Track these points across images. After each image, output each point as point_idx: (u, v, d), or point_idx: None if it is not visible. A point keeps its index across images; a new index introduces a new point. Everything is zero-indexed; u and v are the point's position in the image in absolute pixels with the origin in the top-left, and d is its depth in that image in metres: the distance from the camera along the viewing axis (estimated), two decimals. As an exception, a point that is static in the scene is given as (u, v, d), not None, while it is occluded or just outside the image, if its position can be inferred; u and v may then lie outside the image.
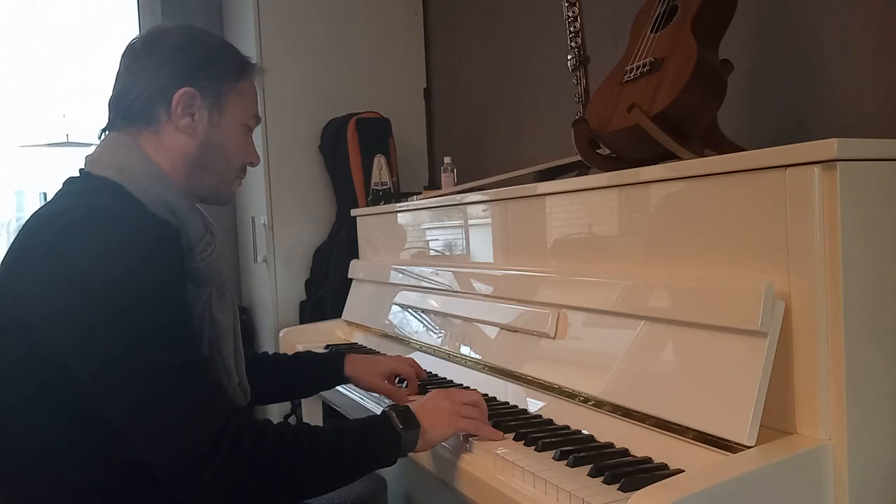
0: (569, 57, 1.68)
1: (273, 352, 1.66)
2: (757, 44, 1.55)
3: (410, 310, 1.91)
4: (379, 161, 2.56)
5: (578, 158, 1.41)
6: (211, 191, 1.24)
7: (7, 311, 1.05)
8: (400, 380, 1.56)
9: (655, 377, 1.07)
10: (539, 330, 1.34)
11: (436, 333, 1.74)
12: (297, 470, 1.03)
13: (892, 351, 0.95)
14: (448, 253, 1.84)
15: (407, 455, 1.13)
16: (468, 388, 1.46)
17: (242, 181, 1.29)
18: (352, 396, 1.63)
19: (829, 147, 0.88)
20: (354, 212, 2.48)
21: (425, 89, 3.02)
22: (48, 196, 2.11)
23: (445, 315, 1.73)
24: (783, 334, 0.93)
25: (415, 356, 1.63)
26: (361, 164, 2.69)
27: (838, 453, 0.90)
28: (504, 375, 1.43)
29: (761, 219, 0.97)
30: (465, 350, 1.59)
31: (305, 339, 2.22)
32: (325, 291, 2.67)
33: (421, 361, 1.57)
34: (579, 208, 1.35)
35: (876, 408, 0.93)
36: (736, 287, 0.97)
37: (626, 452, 1.05)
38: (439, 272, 1.78)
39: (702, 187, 1.07)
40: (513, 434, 1.17)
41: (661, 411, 1.04)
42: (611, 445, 1.09)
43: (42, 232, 1.05)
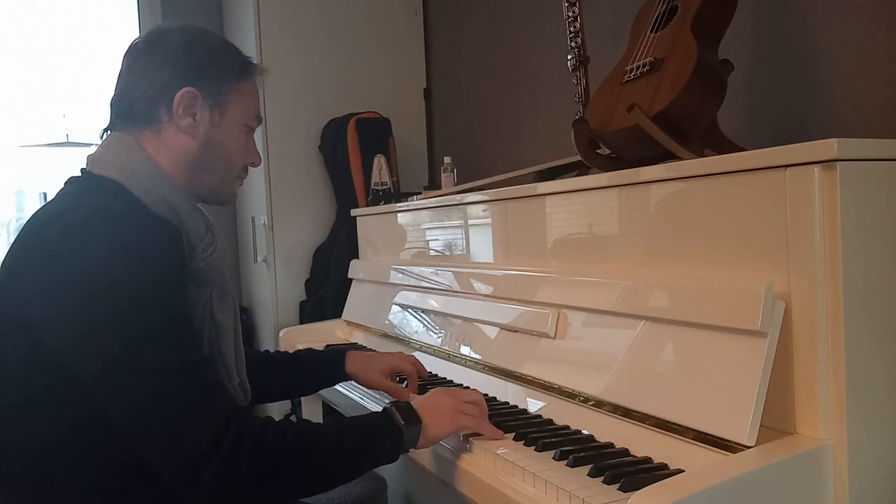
0: (569, 57, 1.68)
1: (273, 350, 1.66)
2: (757, 44, 1.55)
3: (410, 310, 1.91)
4: (379, 161, 2.56)
5: (578, 158, 1.42)
6: (212, 191, 1.24)
7: (8, 311, 1.05)
8: (401, 378, 1.56)
9: (655, 377, 1.07)
10: (539, 330, 1.34)
11: (436, 333, 1.74)
12: (299, 468, 1.03)
13: (892, 351, 0.95)
14: (448, 253, 1.84)
15: (408, 451, 1.13)
16: (468, 388, 1.46)
17: (244, 181, 1.29)
18: (352, 396, 1.63)
19: (829, 147, 0.89)
20: (354, 212, 2.48)
21: (425, 89, 3.02)
22: (48, 196, 2.11)
23: (445, 315, 1.73)
24: (783, 334, 0.93)
25: (415, 356, 1.63)
26: (361, 164, 2.69)
27: (838, 453, 0.90)
28: (504, 375, 1.43)
29: (761, 219, 0.97)
30: (465, 350, 1.59)
31: (305, 339, 2.22)
32: (325, 291, 2.67)
33: (421, 361, 1.57)
34: (579, 208, 1.35)
35: (876, 408, 0.93)
36: (736, 287, 0.97)
37: (626, 452, 1.05)
38: (439, 272, 1.78)
39: (702, 187, 1.07)
40: (513, 434, 1.17)
41: (661, 411, 1.04)
42: (611, 445, 1.09)
43: (43, 231, 1.05)
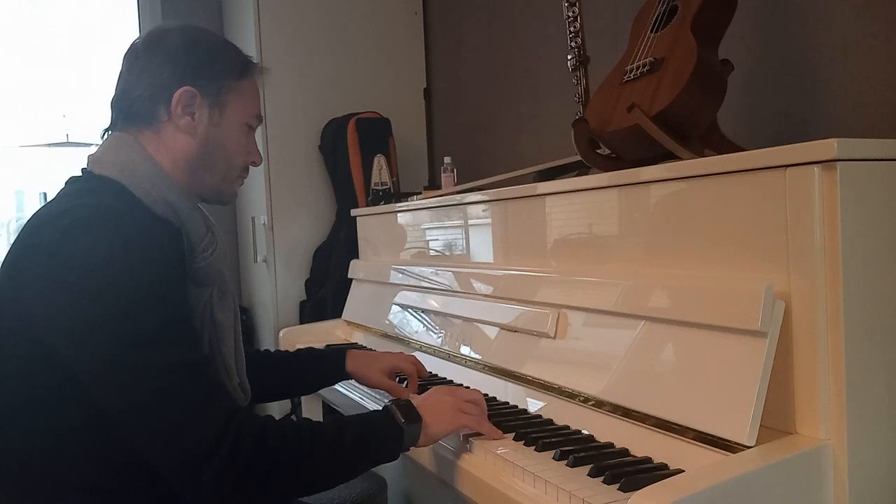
0: (569, 57, 1.68)
1: (274, 349, 1.65)
2: (757, 44, 1.55)
3: (410, 310, 1.91)
4: (379, 161, 2.56)
5: (578, 158, 1.42)
6: (212, 190, 1.24)
7: (8, 311, 1.05)
8: (401, 378, 1.56)
9: (655, 377, 1.07)
10: (539, 330, 1.34)
11: (436, 333, 1.74)
12: (299, 468, 1.03)
13: (892, 351, 0.95)
14: (448, 253, 1.84)
15: (409, 450, 1.13)
16: (468, 388, 1.45)
17: (244, 181, 1.29)
18: (352, 396, 1.63)
19: (829, 147, 0.88)
20: (354, 212, 2.48)
21: (425, 89, 3.02)
22: (48, 196, 2.11)
23: (445, 315, 1.73)
24: (783, 334, 0.93)
25: (415, 356, 1.63)
26: (361, 164, 2.69)
27: (838, 453, 0.90)
28: (504, 375, 1.43)
29: (761, 219, 0.97)
30: (465, 350, 1.59)
31: (305, 339, 2.22)
32: (325, 291, 2.67)
33: (421, 361, 1.57)
34: (579, 208, 1.35)
35: (876, 408, 0.93)
36: (736, 287, 0.97)
37: (626, 452, 1.05)
38: (439, 272, 1.78)
39: (702, 187, 1.07)
40: (513, 434, 1.17)
41: (661, 411, 1.04)
42: (611, 445, 1.09)
43: (44, 231, 1.05)
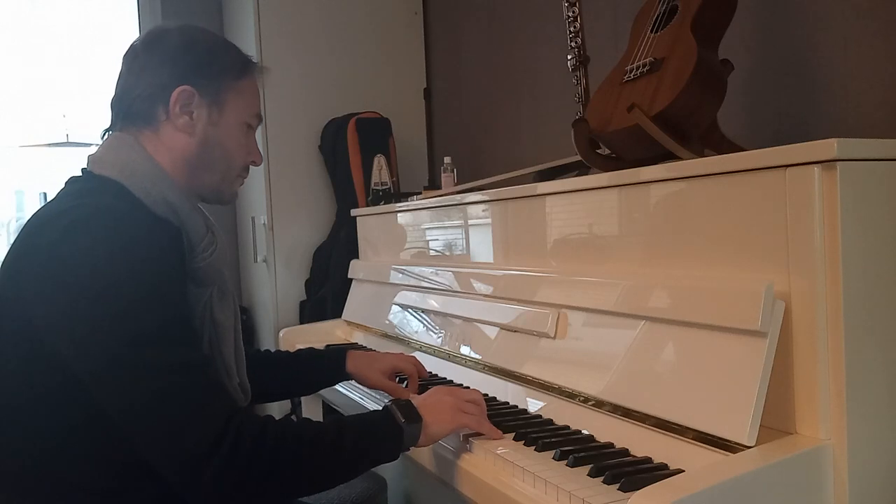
0: (569, 57, 1.68)
1: (274, 349, 1.65)
2: (757, 44, 1.55)
3: (410, 310, 1.91)
4: (379, 161, 2.56)
5: (578, 158, 1.41)
6: (212, 190, 1.23)
7: (8, 311, 1.05)
8: (401, 378, 1.56)
9: (655, 377, 1.07)
10: (539, 330, 1.34)
11: (436, 333, 1.74)
12: (299, 468, 1.03)
13: (892, 351, 0.95)
14: (448, 253, 1.84)
15: (409, 450, 1.13)
16: (468, 388, 1.45)
17: (245, 180, 1.29)
18: (352, 396, 1.63)
19: (829, 147, 0.88)
20: (354, 212, 2.48)
21: (425, 89, 3.02)
22: (48, 196, 2.11)
23: (445, 315, 1.73)
24: (783, 334, 0.93)
25: (415, 356, 1.63)
26: (361, 164, 2.69)
27: (838, 453, 0.90)
28: (504, 375, 1.43)
29: (761, 219, 0.97)
30: (465, 350, 1.59)
31: (305, 339, 2.22)
32: (325, 291, 2.67)
33: (421, 361, 1.57)
34: (579, 208, 1.35)
35: (876, 408, 0.93)
36: (736, 287, 0.97)
37: (626, 452, 1.05)
38: (439, 272, 1.78)
39: (702, 187, 1.07)
40: (513, 434, 1.17)
41: (661, 411, 1.04)
42: (611, 445, 1.09)
43: (44, 231, 1.05)
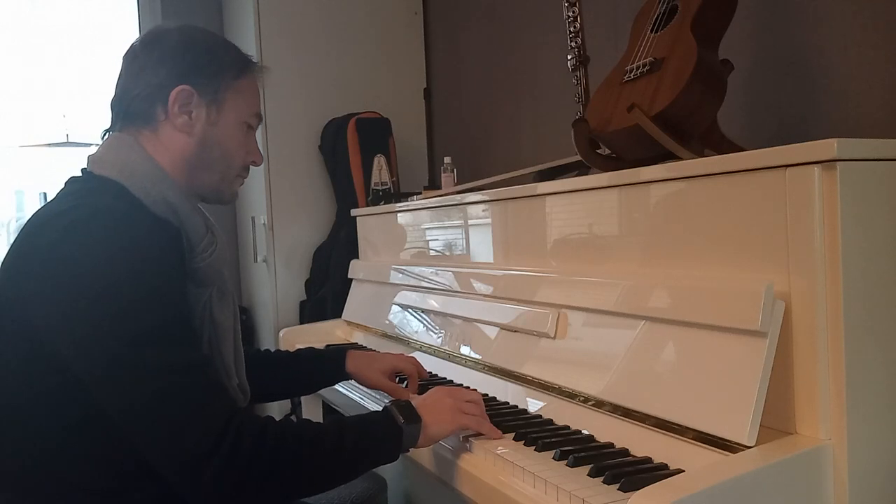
0: (569, 57, 1.68)
1: (274, 349, 1.65)
2: (757, 44, 1.55)
3: (410, 310, 1.91)
4: (379, 161, 2.56)
5: (578, 158, 1.41)
6: (212, 190, 1.23)
7: (8, 311, 1.05)
8: (401, 379, 1.56)
9: (655, 377, 1.07)
10: (539, 330, 1.34)
11: (436, 333, 1.74)
12: (299, 468, 1.03)
13: (892, 351, 0.95)
14: (448, 253, 1.84)
15: (409, 450, 1.13)
16: (468, 388, 1.45)
17: (245, 181, 1.29)
18: (352, 396, 1.63)
19: (829, 147, 0.88)
20: (354, 212, 2.48)
21: (425, 89, 3.02)
22: (48, 196, 2.11)
23: (445, 315, 1.72)
24: (783, 334, 0.93)
25: (415, 356, 1.63)
26: (361, 164, 2.69)
27: (838, 453, 0.90)
28: (504, 375, 1.43)
29: (761, 219, 0.97)
30: (465, 350, 1.59)
31: (305, 339, 2.22)
32: (325, 291, 2.67)
33: (421, 361, 1.57)
34: (579, 208, 1.35)
35: (876, 408, 0.93)
36: (736, 287, 0.97)
37: (626, 452, 1.05)
38: (439, 272, 1.78)
39: (702, 187, 1.07)
40: (513, 434, 1.17)
41: (661, 411, 1.04)
42: (611, 445, 1.09)
43: (44, 231, 1.05)
